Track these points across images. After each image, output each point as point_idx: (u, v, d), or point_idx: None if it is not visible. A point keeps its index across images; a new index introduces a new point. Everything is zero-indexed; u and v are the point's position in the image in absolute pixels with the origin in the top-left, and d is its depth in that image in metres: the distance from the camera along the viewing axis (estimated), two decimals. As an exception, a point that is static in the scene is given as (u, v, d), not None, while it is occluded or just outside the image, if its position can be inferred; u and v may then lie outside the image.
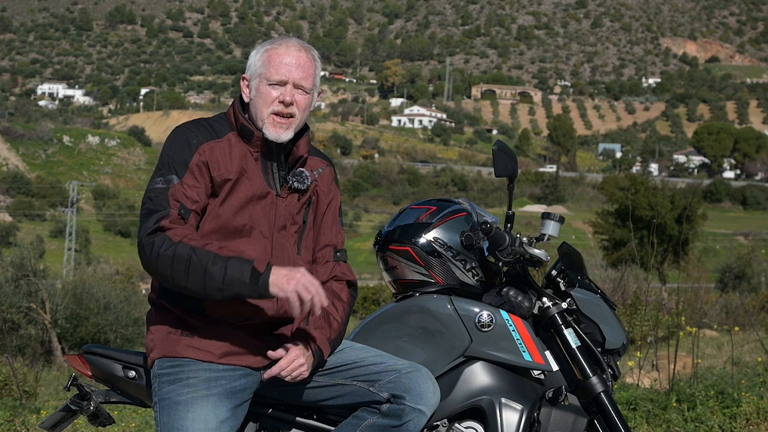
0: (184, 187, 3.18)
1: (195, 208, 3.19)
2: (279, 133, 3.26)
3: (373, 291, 30.55)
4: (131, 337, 21.48)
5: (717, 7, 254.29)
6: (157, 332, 3.28)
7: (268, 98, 3.26)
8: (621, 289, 15.45)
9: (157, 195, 3.17)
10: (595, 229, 37.16)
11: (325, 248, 3.43)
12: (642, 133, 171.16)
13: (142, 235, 3.12)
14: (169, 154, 3.23)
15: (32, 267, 20.62)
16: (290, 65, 3.26)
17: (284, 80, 3.26)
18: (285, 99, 3.25)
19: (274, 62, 3.26)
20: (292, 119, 3.28)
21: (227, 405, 3.20)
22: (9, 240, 63.39)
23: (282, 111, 3.26)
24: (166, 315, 3.28)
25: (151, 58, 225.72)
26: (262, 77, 3.27)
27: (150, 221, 3.12)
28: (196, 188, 3.19)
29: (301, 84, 3.27)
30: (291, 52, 3.28)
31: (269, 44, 3.32)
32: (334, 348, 3.31)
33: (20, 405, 9.51)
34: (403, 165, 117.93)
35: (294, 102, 3.26)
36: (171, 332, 3.25)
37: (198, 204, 3.19)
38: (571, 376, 3.49)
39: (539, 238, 3.53)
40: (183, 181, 3.18)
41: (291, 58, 3.27)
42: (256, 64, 3.30)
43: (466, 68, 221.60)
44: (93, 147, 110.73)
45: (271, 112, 3.26)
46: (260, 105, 3.27)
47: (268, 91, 3.26)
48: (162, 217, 3.12)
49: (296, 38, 3.36)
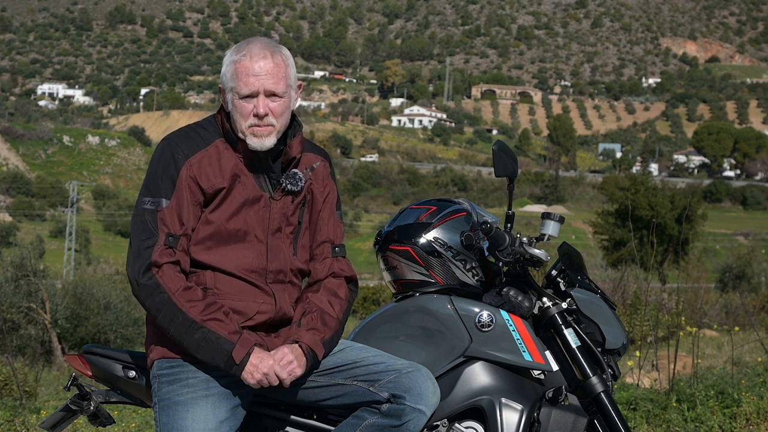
0: (173, 209, 3.20)
1: (183, 231, 3.21)
2: (262, 141, 3.25)
3: (373, 291, 30.56)
4: (131, 337, 21.47)
5: (717, 7, 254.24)
6: (156, 333, 3.28)
7: (243, 112, 3.25)
8: (621, 289, 15.46)
9: (146, 218, 3.21)
10: (595, 229, 37.19)
11: (323, 244, 3.42)
12: (642, 133, 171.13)
13: (134, 272, 3.18)
14: (156, 172, 3.24)
15: (32, 267, 20.62)
16: (258, 75, 3.23)
17: (254, 92, 3.23)
18: (258, 112, 3.23)
19: (241, 75, 3.23)
20: (272, 127, 3.26)
21: (227, 405, 3.20)
22: (9, 240, 63.42)
23: (258, 123, 3.25)
24: (165, 315, 3.28)
25: (151, 58, 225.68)
26: (233, 91, 3.26)
27: (141, 255, 3.17)
28: (185, 207, 3.21)
29: (273, 90, 3.24)
30: (256, 61, 3.23)
31: (235, 53, 3.27)
32: (329, 348, 3.31)
33: (20, 405, 9.51)
34: (403, 165, 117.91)
35: (269, 112, 3.24)
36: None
37: (186, 226, 3.22)
38: (571, 376, 3.49)
39: (539, 238, 3.52)
40: (171, 202, 3.20)
41: (257, 68, 3.23)
42: (227, 75, 3.28)
43: (466, 68, 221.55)
44: (93, 147, 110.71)
45: (249, 125, 3.25)
46: (237, 118, 3.26)
47: (242, 105, 3.25)
48: (151, 247, 3.17)
49: (261, 41, 3.30)
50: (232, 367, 3.14)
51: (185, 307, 3.14)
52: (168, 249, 3.18)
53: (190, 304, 3.15)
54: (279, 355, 3.18)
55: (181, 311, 3.13)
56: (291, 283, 3.36)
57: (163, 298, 3.14)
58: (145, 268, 3.16)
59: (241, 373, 3.15)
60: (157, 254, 3.16)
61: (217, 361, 3.13)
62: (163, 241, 3.18)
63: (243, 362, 3.13)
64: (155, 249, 3.17)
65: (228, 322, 3.16)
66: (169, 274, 3.16)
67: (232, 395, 3.22)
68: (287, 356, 3.18)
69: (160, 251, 3.17)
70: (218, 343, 3.13)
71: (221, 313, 3.17)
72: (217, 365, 3.15)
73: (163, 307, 3.14)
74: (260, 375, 3.15)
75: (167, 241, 3.18)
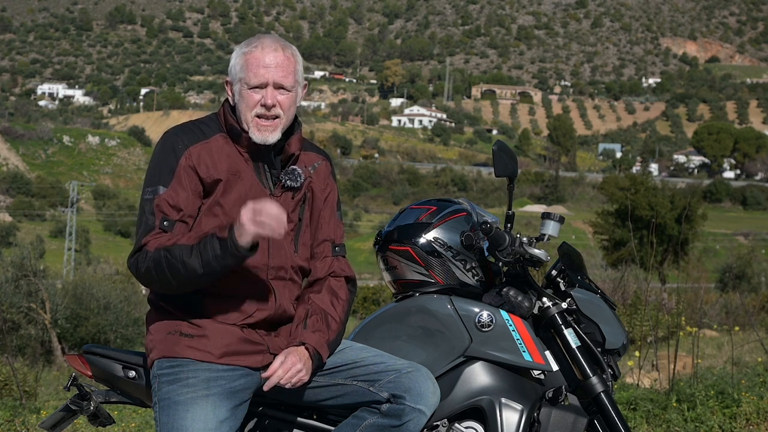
0: (170, 196, 3.20)
1: (180, 216, 3.21)
2: (265, 136, 3.26)
3: (373, 291, 30.55)
4: (131, 337, 21.48)
5: (717, 7, 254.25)
6: (156, 333, 3.28)
7: (250, 102, 3.26)
8: (621, 289, 15.46)
9: (145, 208, 3.23)
10: (595, 229, 37.19)
11: (323, 243, 3.43)
12: (642, 133, 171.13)
13: (129, 259, 3.22)
14: (157, 163, 3.27)
15: (32, 267, 20.64)
16: (268, 67, 3.25)
17: (264, 83, 3.25)
18: (266, 102, 3.25)
19: (251, 66, 3.26)
20: (278, 120, 3.27)
21: (227, 405, 3.20)
22: (9, 240, 63.40)
23: (265, 114, 3.26)
24: (165, 315, 3.29)
25: (151, 58, 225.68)
26: (242, 82, 3.27)
27: (138, 243, 3.20)
28: (183, 193, 3.21)
29: (282, 83, 3.27)
30: (267, 53, 3.26)
31: (246, 46, 3.30)
32: (332, 350, 3.31)
33: (20, 405, 9.51)
34: (403, 165, 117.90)
35: (276, 103, 3.26)
36: (170, 333, 3.26)
37: (183, 212, 3.21)
38: (571, 376, 3.49)
39: (539, 238, 3.53)
40: (169, 189, 3.21)
41: (268, 59, 3.26)
42: (236, 68, 3.29)
43: (466, 68, 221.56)
44: (93, 147, 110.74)
45: (255, 115, 3.26)
46: (244, 109, 3.27)
47: (250, 95, 3.26)
48: (145, 233, 3.19)
49: (272, 36, 3.34)
50: (235, 242, 3.05)
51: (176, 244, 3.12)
52: (161, 232, 3.19)
53: (181, 240, 3.14)
54: (288, 364, 3.19)
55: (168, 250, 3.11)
56: (291, 281, 3.36)
57: (151, 257, 3.13)
58: (137, 249, 3.19)
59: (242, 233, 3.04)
60: (149, 237, 3.18)
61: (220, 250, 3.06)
62: (158, 225, 3.19)
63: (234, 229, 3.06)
64: (150, 234, 3.19)
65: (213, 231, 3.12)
66: (157, 240, 3.17)
67: (232, 395, 3.21)
68: (297, 365, 3.19)
69: (152, 234, 3.19)
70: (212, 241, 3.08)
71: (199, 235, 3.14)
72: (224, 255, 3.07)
73: (159, 262, 3.12)
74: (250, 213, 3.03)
75: (162, 226, 3.19)
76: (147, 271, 3.15)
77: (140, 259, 3.17)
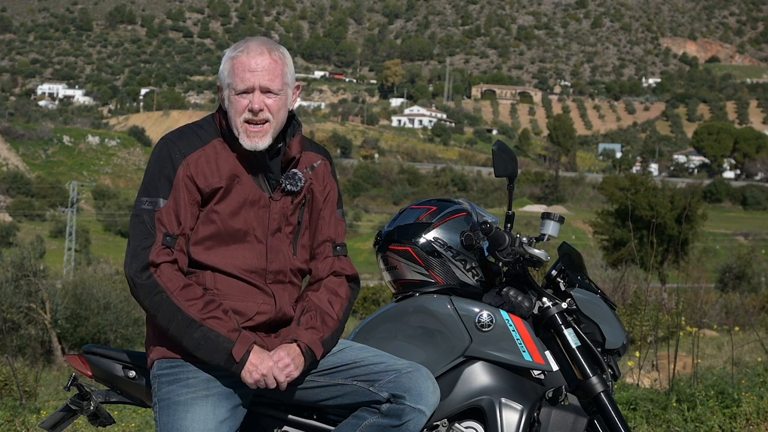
0: (170, 209, 3.20)
1: (180, 231, 3.21)
2: (255, 143, 3.25)
3: (373, 291, 30.57)
4: (131, 337, 21.49)
5: (717, 7, 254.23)
6: (156, 333, 3.28)
7: (238, 108, 3.25)
8: (621, 289, 15.47)
9: (144, 218, 3.21)
10: (595, 229, 37.15)
11: (324, 243, 3.42)
12: (642, 133, 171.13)
13: (132, 271, 3.17)
14: (154, 172, 3.24)
15: (32, 267, 20.65)
16: (254, 71, 3.23)
17: (250, 87, 3.23)
18: (253, 107, 3.23)
19: (238, 71, 3.24)
20: (267, 124, 3.26)
21: (226, 405, 3.20)
22: (9, 240, 63.39)
23: (253, 119, 3.24)
24: (165, 315, 3.28)
25: (151, 58, 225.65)
26: (230, 87, 3.26)
27: (139, 256, 3.17)
28: (182, 207, 3.21)
29: (269, 87, 3.24)
30: (253, 57, 3.24)
31: (233, 50, 3.29)
32: (328, 348, 3.31)
33: (20, 405, 9.52)
34: (403, 165, 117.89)
35: (264, 107, 3.24)
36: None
37: (183, 226, 3.21)
38: (571, 376, 3.49)
39: (539, 238, 3.52)
40: (169, 202, 3.20)
41: (254, 63, 3.23)
42: (224, 73, 3.28)
43: (466, 68, 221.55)
44: (93, 147, 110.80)
45: (243, 120, 3.25)
46: (233, 115, 3.26)
47: (238, 100, 3.25)
48: (148, 247, 3.16)
49: (259, 38, 3.31)
50: (232, 365, 3.14)
51: (184, 305, 3.14)
52: (165, 249, 3.18)
53: (189, 303, 3.14)
54: (276, 357, 3.18)
55: (180, 310, 3.13)
56: (291, 283, 3.36)
57: (161, 298, 3.14)
58: (143, 267, 3.16)
59: (241, 372, 3.14)
60: (155, 254, 3.16)
61: (217, 359, 3.13)
62: (161, 240, 3.18)
63: (243, 360, 3.13)
64: (153, 249, 3.17)
65: (227, 320, 3.16)
66: (168, 273, 3.16)
67: (232, 395, 3.22)
68: (284, 359, 3.18)
69: (157, 251, 3.17)
70: (218, 341, 3.12)
71: (220, 311, 3.17)
72: (217, 364, 3.15)
73: (162, 307, 3.14)
74: (258, 375, 3.15)
75: (165, 241, 3.18)
76: (150, 306, 3.16)
77: (148, 289, 3.15)
